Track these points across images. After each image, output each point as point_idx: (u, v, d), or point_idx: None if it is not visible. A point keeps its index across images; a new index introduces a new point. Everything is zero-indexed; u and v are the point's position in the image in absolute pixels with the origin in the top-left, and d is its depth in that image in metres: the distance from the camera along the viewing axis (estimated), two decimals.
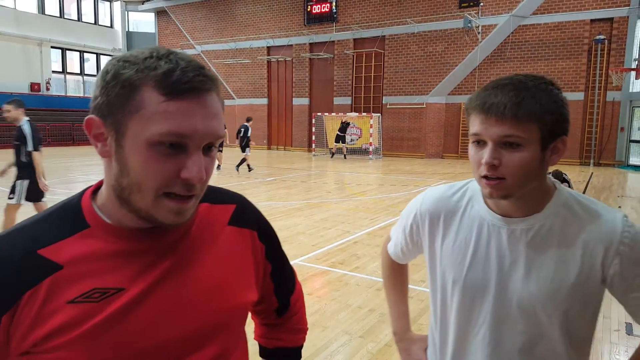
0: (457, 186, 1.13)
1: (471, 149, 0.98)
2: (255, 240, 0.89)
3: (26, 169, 5.42)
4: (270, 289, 0.96)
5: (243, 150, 13.41)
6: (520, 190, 0.95)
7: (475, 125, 0.95)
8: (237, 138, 13.61)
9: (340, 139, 18.92)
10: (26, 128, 5.35)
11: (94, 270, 0.70)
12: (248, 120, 14.09)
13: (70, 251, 0.70)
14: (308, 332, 1.09)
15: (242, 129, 13.55)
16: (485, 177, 0.94)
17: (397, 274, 1.36)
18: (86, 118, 0.70)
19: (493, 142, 0.92)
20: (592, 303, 1.00)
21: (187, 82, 0.66)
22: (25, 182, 5.48)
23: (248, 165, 13.48)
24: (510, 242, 1.00)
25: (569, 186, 7.82)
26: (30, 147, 5.35)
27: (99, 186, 0.78)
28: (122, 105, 0.66)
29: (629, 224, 0.97)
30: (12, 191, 5.53)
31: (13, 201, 5.52)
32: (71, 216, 0.74)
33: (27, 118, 5.41)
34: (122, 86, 0.66)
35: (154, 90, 0.65)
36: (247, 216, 0.90)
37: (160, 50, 0.69)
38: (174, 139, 0.66)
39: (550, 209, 0.99)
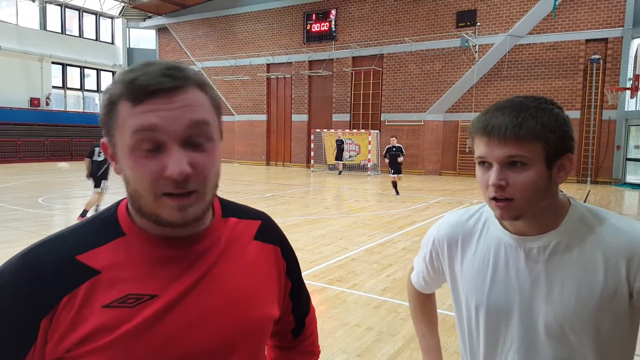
0: (472, 210, 1.14)
1: (478, 171, 0.98)
2: (279, 257, 0.91)
3: None
4: (288, 308, 0.96)
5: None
6: (530, 209, 0.95)
7: (479, 148, 0.95)
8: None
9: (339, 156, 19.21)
10: None
11: (129, 276, 0.72)
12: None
13: (107, 257, 0.72)
14: None
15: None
16: (494, 198, 0.94)
17: (423, 305, 1.34)
18: (101, 141, 0.76)
19: (498, 164, 0.93)
20: (624, 320, 0.96)
21: (147, 85, 0.68)
22: None
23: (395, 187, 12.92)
24: (529, 262, 0.99)
25: None
26: None
27: None
28: (110, 122, 0.71)
29: None
30: None
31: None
32: (108, 224, 0.76)
33: None
34: (106, 104, 0.71)
35: (125, 100, 0.69)
36: (271, 232, 0.92)
37: (141, 62, 0.71)
38: (144, 135, 0.67)
39: (566, 225, 0.98)
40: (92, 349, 0.68)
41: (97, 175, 8.08)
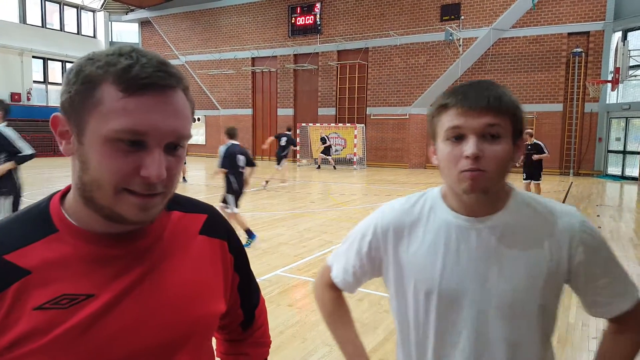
0: (414, 197, 1.12)
1: (446, 147, 0.96)
2: (225, 251, 0.88)
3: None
4: (236, 302, 0.94)
5: None
6: (496, 184, 0.97)
7: (453, 119, 0.95)
8: None
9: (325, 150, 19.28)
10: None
11: (63, 275, 0.68)
12: None
13: (38, 256, 0.68)
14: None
15: None
16: (466, 170, 0.93)
17: (343, 307, 1.25)
18: (52, 116, 0.69)
19: (475, 134, 0.93)
20: (559, 298, 1.02)
21: (145, 77, 0.64)
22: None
23: None
24: (480, 242, 1.00)
25: None
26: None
27: (67, 190, 0.76)
28: (83, 102, 0.65)
29: (582, 215, 1.03)
30: None
31: None
32: (39, 220, 0.71)
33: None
34: (82, 82, 0.65)
35: (112, 86, 0.64)
36: (218, 226, 0.89)
37: (124, 48, 0.68)
38: (132, 136, 0.64)
39: (512, 207, 1.02)
40: (24, 352, 0.64)
41: (280, 155, 12.66)
